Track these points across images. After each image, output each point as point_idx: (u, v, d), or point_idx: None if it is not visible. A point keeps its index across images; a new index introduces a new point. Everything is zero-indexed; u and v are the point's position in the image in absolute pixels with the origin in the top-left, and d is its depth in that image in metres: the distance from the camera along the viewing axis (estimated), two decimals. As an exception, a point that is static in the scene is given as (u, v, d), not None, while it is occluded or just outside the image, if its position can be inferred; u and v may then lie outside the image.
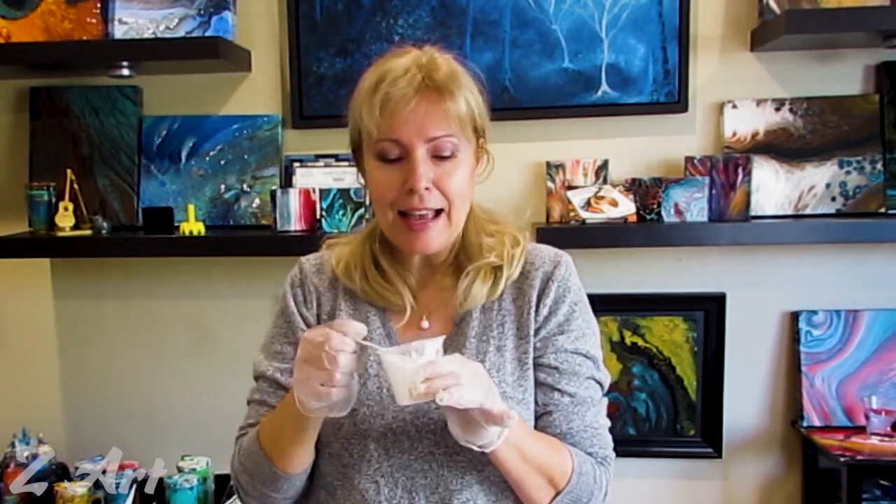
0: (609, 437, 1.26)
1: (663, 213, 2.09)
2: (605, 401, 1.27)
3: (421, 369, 1.03)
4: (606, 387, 1.27)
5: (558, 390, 1.22)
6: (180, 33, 2.21)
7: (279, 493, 1.21)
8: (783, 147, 2.17)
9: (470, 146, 1.20)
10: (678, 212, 2.09)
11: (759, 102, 2.17)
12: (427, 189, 1.15)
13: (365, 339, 1.08)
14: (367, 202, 2.12)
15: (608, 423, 1.27)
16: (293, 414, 1.13)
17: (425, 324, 1.25)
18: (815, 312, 2.19)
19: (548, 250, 1.28)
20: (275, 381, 1.26)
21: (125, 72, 2.17)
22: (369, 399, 1.21)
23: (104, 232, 2.19)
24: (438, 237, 1.19)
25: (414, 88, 1.14)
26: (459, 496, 1.18)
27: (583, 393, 1.23)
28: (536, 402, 1.23)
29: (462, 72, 1.19)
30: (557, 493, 1.17)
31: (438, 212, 1.18)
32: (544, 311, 1.23)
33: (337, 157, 2.24)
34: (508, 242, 1.26)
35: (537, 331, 1.23)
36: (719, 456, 2.25)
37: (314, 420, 1.15)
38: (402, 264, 1.27)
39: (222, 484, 2.13)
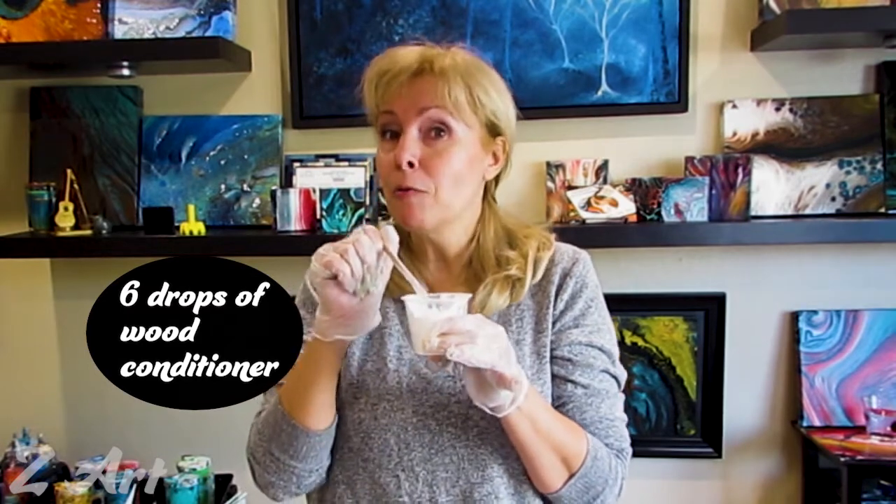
0: (625, 431, 1.25)
1: (663, 213, 2.09)
2: (622, 396, 1.27)
3: (439, 324, 1.04)
4: (623, 383, 1.27)
5: (572, 381, 1.22)
6: (180, 33, 2.21)
7: (298, 461, 1.19)
8: (783, 147, 2.17)
9: (472, 133, 1.20)
10: (678, 212, 2.09)
11: (759, 102, 2.17)
12: (411, 165, 1.16)
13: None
14: (368, 202, 2.13)
15: (625, 417, 1.26)
16: (308, 350, 1.15)
17: None
18: (815, 312, 2.19)
19: (566, 248, 1.30)
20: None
21: (125, 72, 2.17)
22: (389, 394, 1.21)
23: (104, 232, 2.19)
24: (423, 211, 1.19)
25: (411, 68, 1.17)
26: (480, 489, 1.18)
27: (597, 385, 1.23)
28: (552, 396, 1.23)
29: (478, 69, 1.20)
30: (571, 476, 1.17)
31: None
32: (561, 306, 1.24)
33: (337, 157, 2.24)
34: (535, 246, 1.26)
35: (553, 324, 1.24)
36: (719, 456, 2.25)
37: (329, 352, 1.14)
38: (419, 258, 1.28)
39: (222, 484, 2.13)
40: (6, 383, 2.43)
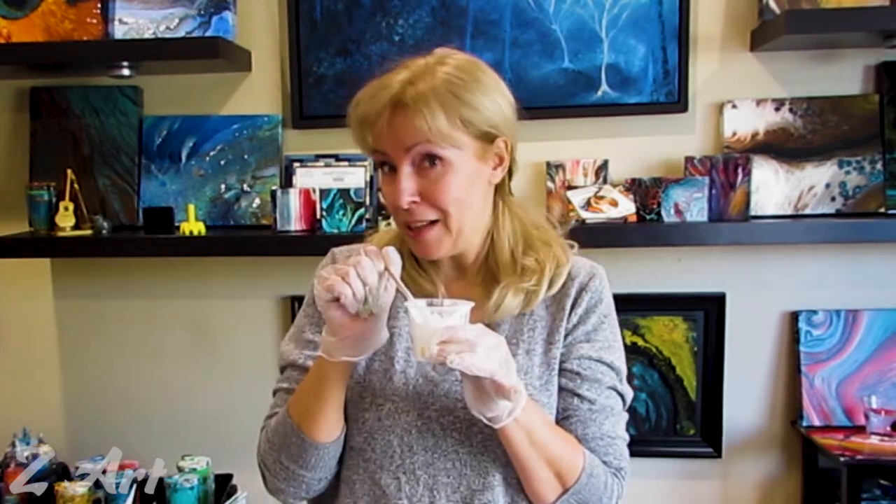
0: (626, 451, 1.24)
1: (663, 213, 2.09)
2: (626, 415, 1.26)
3: (440, 332, 1.04)
4: (629, 402, 1.27)
5: (578, 395, 1.21)
6: (180, 33, 2.21)
7: (307, 470, 1.20)
8: (783, 147, 2.17)
9: (465, 152, 1.16)
10: (678, 212, 2.09)
11: (758, 102, 2.17)
12: (415, 202, 1.16)
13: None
14: (368, 202, 2.13)
15: (626, 436, 1.25)
16: (316, 367, 1.16)
17: None
18: (814, 312, 2.19)
19: (584, 262, 1.29)
20: (306, 369, 1.24)
21: (125, 72, 2.17)
22: (395, 395, 1.21)
23: (104, 232, 2.19)
24: (439, 244, 1.19)
25: (385, 105, 1.14)
26: (481, 496, 1.18)
27: (603, 401, 1.22)
28: (558, 408, 1.22)
29: (461, 81, 1.15)
30: (565, 491, 1.16)
31: (434, 221, 1.17)
32: (574, 319, 1.24)
33: (337, 157, 2.24)
34: (554, 258, 1.25)
35: (565, 337, 1.24)
36: (719, 456, 2.25)
37: (337, 370, 1.14)
38: (434, 262, 1.26)
39: (222, 484, 2.13)
40: (6, 383, 2.43)
